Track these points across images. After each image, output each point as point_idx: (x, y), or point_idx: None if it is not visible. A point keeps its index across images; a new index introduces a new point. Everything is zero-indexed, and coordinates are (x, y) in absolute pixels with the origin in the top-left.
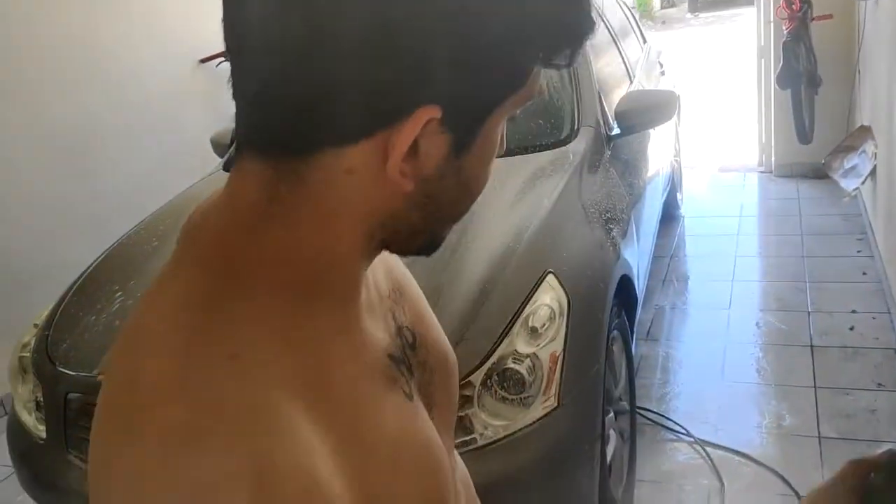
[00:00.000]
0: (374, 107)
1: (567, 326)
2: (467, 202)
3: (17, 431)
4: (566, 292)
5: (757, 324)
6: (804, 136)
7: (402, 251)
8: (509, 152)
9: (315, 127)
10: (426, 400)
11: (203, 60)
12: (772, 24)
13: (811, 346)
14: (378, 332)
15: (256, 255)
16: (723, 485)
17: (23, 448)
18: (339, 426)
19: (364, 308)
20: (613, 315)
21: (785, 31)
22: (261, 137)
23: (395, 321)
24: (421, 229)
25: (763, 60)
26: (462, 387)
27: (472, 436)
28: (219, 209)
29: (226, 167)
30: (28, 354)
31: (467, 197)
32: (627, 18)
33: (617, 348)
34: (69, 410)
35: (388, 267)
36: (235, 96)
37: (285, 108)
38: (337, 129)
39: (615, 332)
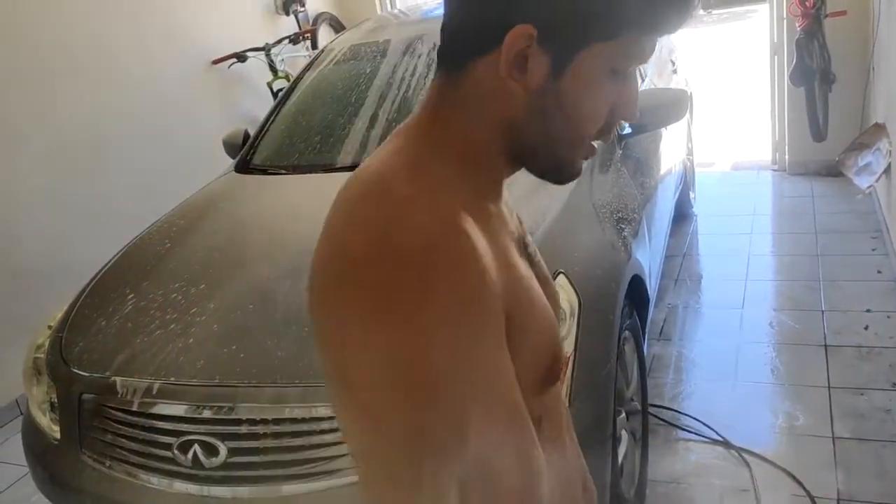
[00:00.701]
0: (489, 27)
1: (578, 327)
2: (572, 129)
3: (32, 432)
4: (577, 293)
5: (770, 323)
6: (818, 133)
7: (533, 169)
8: None
9: (459, 46)
10: None
11: (215, 62)
12: (785, 21)
13: (825, 345)
14: (512, 228)
15: (439, 137)
16: (758, 497)
17: (38, 448)
18: (496, 249)
19: (503, 209)
20: (625, 315)
21: (798, 28)
22: (441, 57)
23: (521, 236)
24: (540, 144)
25: (776, 57)
26: None
27: None
28: (420, 106)
29: (237, 168)
30: (42, 356)
31: (571, 123)
32: None
33: (629, 348)
34: (83, 411)
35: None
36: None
37: (448, 34)
38: (470, 47)
39: (627, 333)
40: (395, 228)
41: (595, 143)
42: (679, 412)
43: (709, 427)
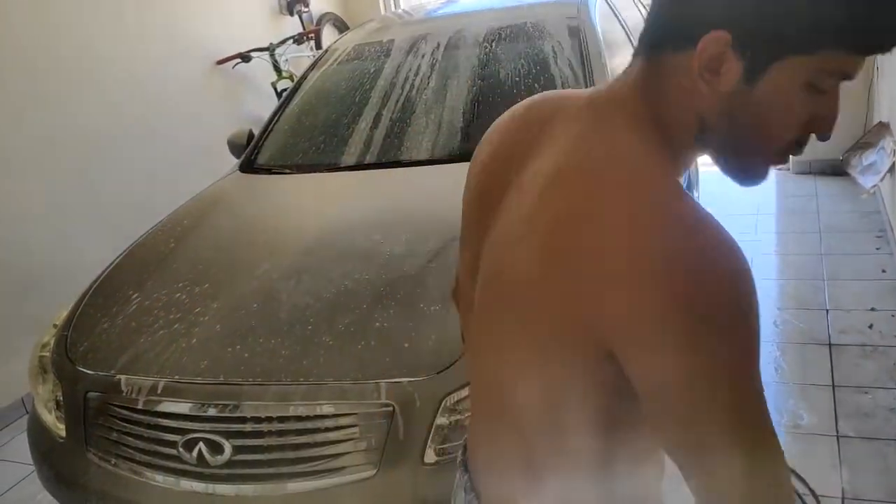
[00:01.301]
0: (687, 27)
1: None
2: (760, 137)
3: (38, 430)
4: None
5: (774, 322)
6: None
7: (719, 165)
8: None
9: (659, 38)
10: None
11: (220, 62)
12: None
13: (829, 344)
14: None
15: (652, 122)
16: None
17: (43, 447)
18: None
19: None
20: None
21: None
22: (644, 45)
23: None
24: (727, 145)
25: None
26: None
27: None
28: (618, 86)
29: (242, 168)
30: (48, 354)
31: (759, 131)
32: (643, 16)
33: None
34: (88, 409)
35: None
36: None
37: (651, 25)
38: (669, 41)
39: None
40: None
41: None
42: None
43: None
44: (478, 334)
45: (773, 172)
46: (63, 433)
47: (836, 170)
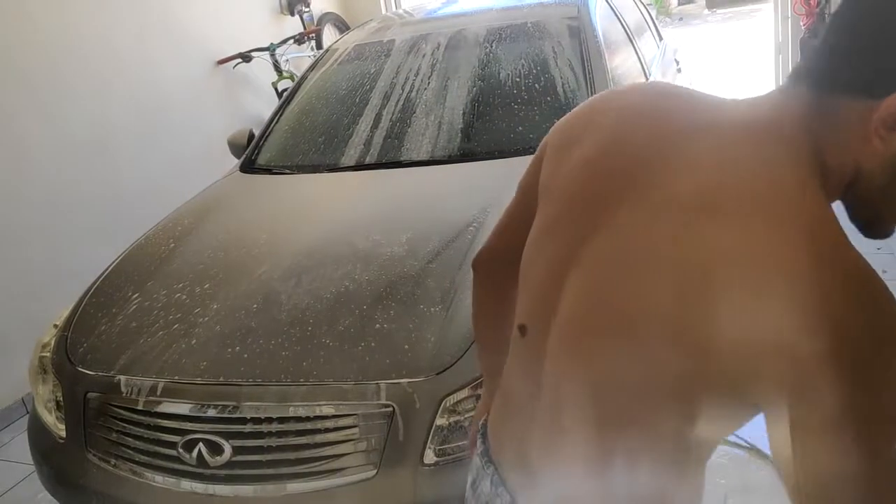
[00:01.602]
0: (879, 81)
1: None
2: None
3: (38, 430)
4: None
5: None
6: None
7: (852, 213)
8: (524, 152)
9: (843, 79)
10: None
11: (220, 62)
12: (790, 20)
13: None
14: None
15: (818, 160)
16: None
17: (43, 447)
18: None
19: None
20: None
21: (803, 27)
22: (815, 77)
23: None
24: (874, 200)
25: (781, 56)
26: (477, 386)
27: None
28: (784, 114)
29: (242, 168)
30: (48, 355)
31: None
32: (643, 16)
33: None
34: (88, 410)
35: None
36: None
37: (836, 62)
38: (854, 85)
39: None
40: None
41: None
42: None
43: None
44: (563, 342)
45: None
46: (63, 433)
47: None
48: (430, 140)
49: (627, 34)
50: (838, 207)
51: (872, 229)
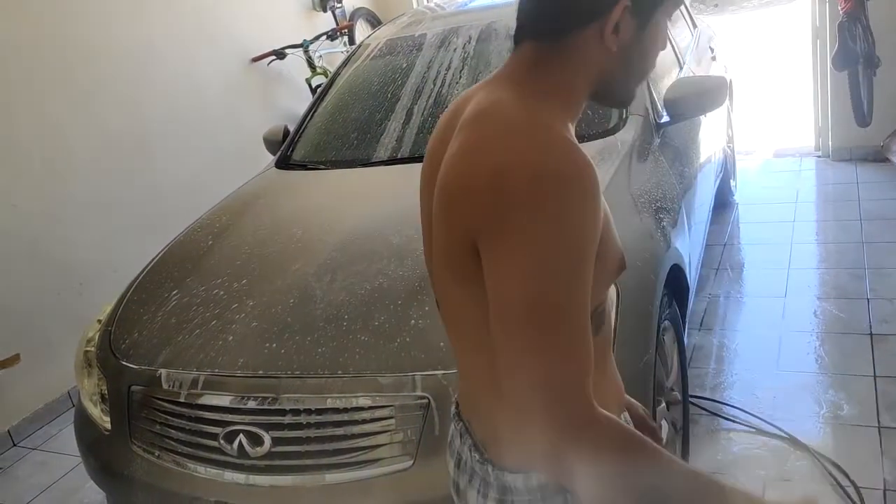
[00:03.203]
0: (594, 8)
1: (616, 317)
2: (646, 69)
3: (84, 423)
4: (615, 283)
5: (814, 312)
6: (862, 118)
7: (606, 101)
8: None
9: (561, 22)
10: None
11: (255, 59)
12: (827, 4)
13: (871, 334)
14: None
15: (543, 90)
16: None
17: (89, 439)
18: None
19: None
20: (664, 305)
21: (841, 11)
22: (537, 29)
23: None
24: (620, 80)
25: (818, 41)
26: None
27: None
28: (509, 69)
29: (278, 164)
30: (92, 349)
31: (647, 63)
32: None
33: (668, 338)
34: (132, 402)
35: None
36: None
37: (544, 14)
38: (574, 22)
39: (666, 323)
40: (552, 157)
41: None
42: (721, 402)
43: (755, 416)
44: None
45: (812, 160)
46: (108, 426)
47: (877, 156)
48: None
49: None
50: None
51: (626, 101)
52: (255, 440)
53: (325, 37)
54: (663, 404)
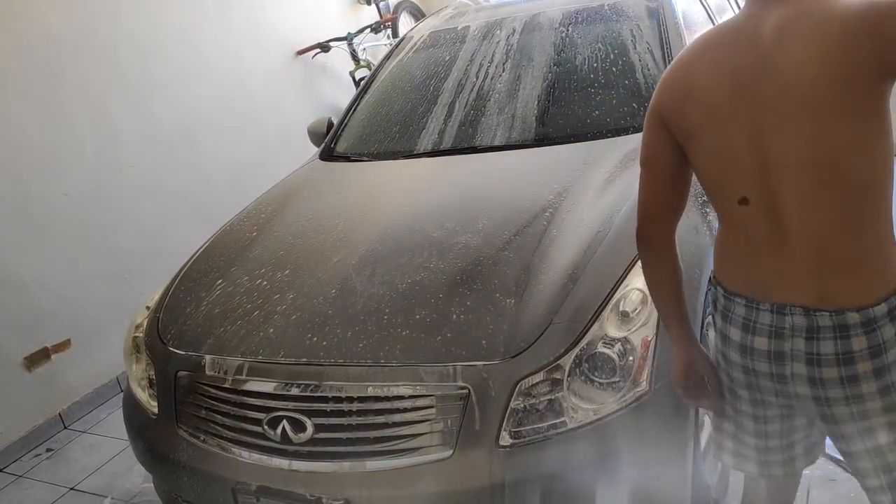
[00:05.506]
0: None
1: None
2: None
3: (132, 407)
4: None
5: None
6: None
7: None
8: (600, 135)
9: None
10: None
11: (299, 52)
12: None
13: None
14: None
15: None
16: None
17: (137, 423)
18: None
19: None
20: (708, 300)
21: None
22: None
23: None
24: None
25: None
26: (552, 370)
27: (562, 419)
28: None
29: (322, 156)
30: (141, 335)
31: None
32: None
33: (712, 334)
34: (179, 388)
35: None
36: None
37: None
38: None
39: (710, 318)
40: None
41: None
42: None
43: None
44: (782, 136)
45: None
46: (156, 410)
47: None
48: (504, 125)
49: (708, 14)
50: None
51: None
52: (298, 426)
53: (368, 30)
54: None
